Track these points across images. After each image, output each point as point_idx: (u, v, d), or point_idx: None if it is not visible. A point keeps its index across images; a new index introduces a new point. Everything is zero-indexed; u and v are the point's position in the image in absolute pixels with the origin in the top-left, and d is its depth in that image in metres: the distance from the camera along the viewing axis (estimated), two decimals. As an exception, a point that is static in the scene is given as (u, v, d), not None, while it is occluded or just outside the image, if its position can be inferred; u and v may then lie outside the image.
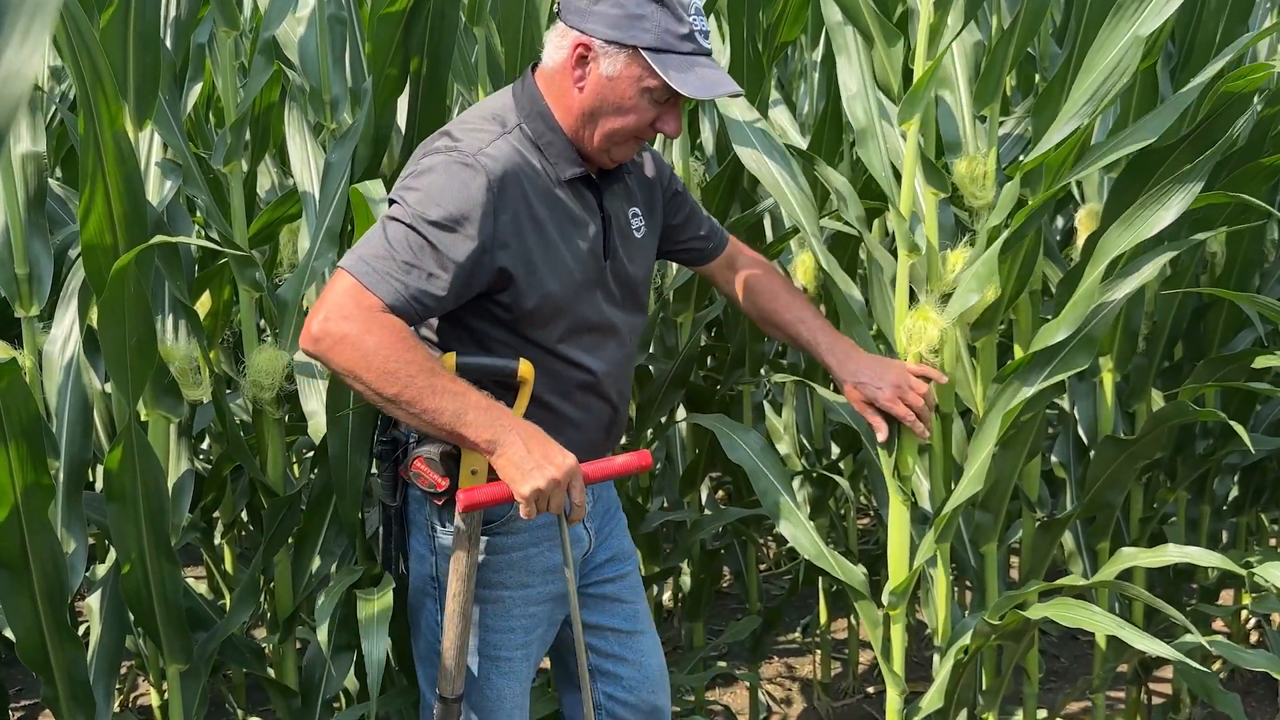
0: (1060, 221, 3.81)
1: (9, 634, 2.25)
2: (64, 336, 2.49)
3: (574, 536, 2.16)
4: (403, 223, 1.87)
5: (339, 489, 2.43)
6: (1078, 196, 3.14)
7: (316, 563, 2.63)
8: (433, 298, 1.88)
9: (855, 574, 2.46)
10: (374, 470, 2.38)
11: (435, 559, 2.13)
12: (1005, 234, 2.23)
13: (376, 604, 2.25)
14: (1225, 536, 3.72)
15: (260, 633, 3.99)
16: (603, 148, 2.01)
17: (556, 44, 2.00)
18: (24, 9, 0.50)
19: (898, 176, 2.39)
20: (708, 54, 1.97)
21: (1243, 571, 2.26)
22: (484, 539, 2.08)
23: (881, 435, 2.28)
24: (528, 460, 1.83)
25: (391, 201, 1.93)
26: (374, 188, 2.21)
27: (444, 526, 2.10)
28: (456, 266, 1.88)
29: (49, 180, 3.10)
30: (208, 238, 3.04)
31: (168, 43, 2.48)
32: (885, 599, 2.42)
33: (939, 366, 2.35)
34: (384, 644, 2.21)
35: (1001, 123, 3.01)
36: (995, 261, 2.24)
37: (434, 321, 2.07)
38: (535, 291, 1.97)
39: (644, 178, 2.24)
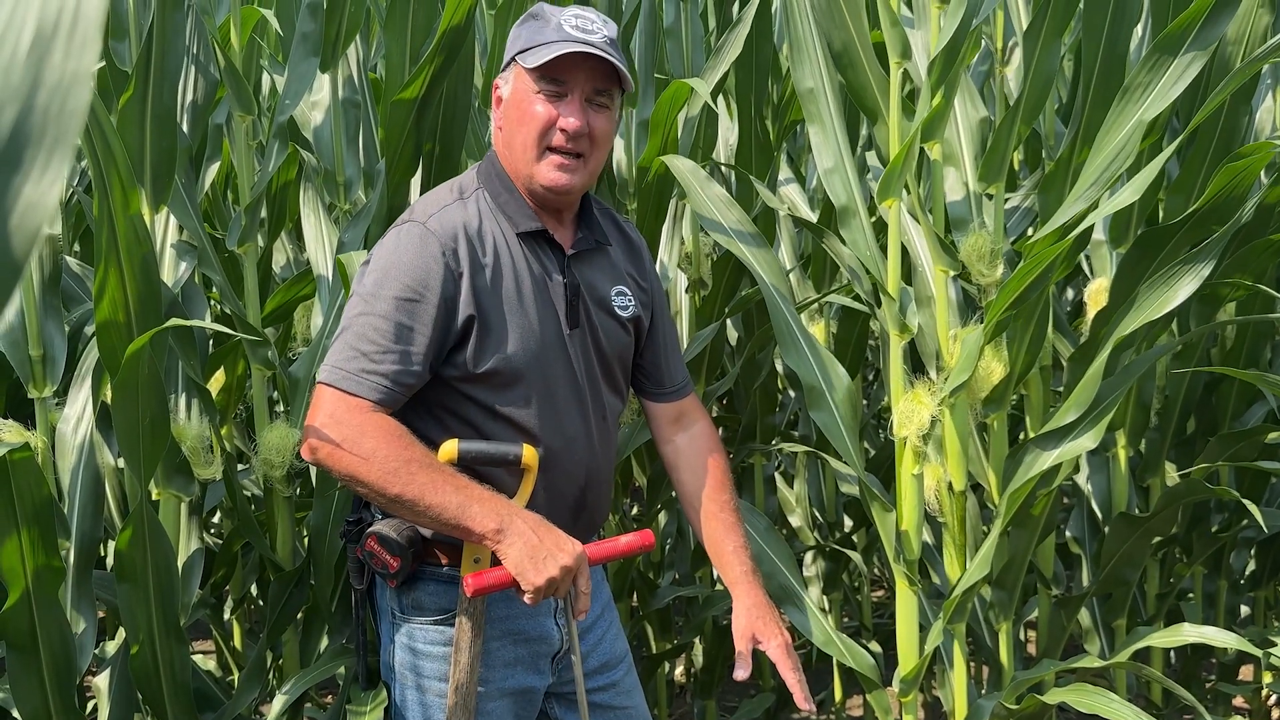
0: (1070, 293, 3.83)
1: (17, 715, 2.24)
2: (77, 416, 2.50)
3: (540, 631, 2.06)
4: (365, 314, 1.89)
5: (316, 564, 2.43)
6: (1087, 271, 3.16)
7: (324, 641, 2.61)
8: (412, 374, 1.89)
9: (865, 659, 2.42)
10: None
11: (393, 647, 2.05)
12: (995, 315, 2.23)
13: (367, 717, 2.14)
14: (1244, 611, 3.68)
15: (268, 710, 3.95)
16: (527, 172, 2.00)
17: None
18: (45, 142, 0.51)
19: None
20: (574, 40, 1.95)
21: (1259, 652, 2.23)
22: (445, 629, 2.00)
23: (742, 673, 2.08)
24: (539, 549, 1.80)
25: (352, 295, 1.95)
26: (359, 257, 2.23)
27: (402, 614, 2.03)
28: (427, 338, 1.89)
29: (65, 258, 3.14)
30: (222, 314, 3.07)
31: (184, 127, 2.53)
32: (896, 685, 2.39)
33: (928, 451, 2.32)
34: None
35: (1009, 198, 3.03)
36: (979, 343, 2.23)
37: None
38: (491, 353, 1.94)
39: (640, 270, 2.19)
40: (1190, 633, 2.32)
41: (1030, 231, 3.02)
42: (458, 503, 1.81)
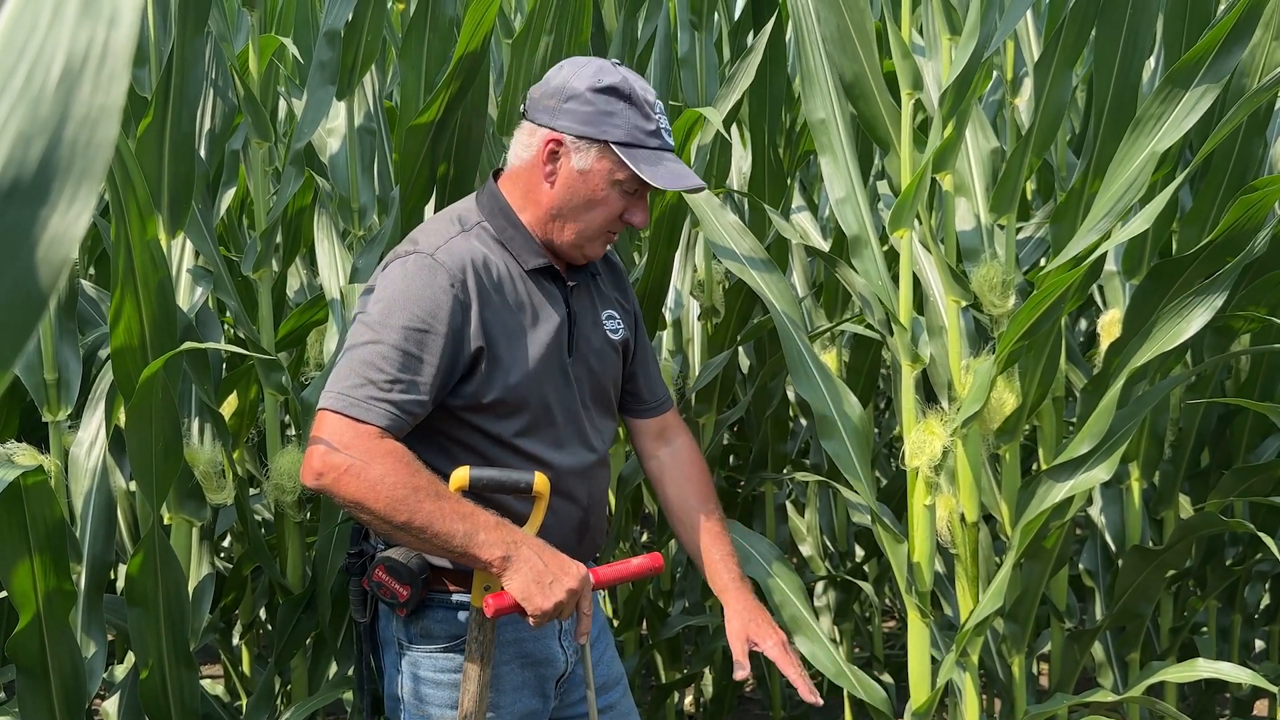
0: (1084, 324, 3.82)
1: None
2: (90, 440, 2.51)
3: (547, 654, 2.07)
4: (373, 343, 1.87)
5: (320, 590, 2.43)
6: (1100, 302, 3.15)
7: (334, 667, 2.61)
8: (419, 404, 1.88)
9: (877, 692, 2.40)
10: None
11: (401, 678, 2.04)
12: (1007, 345, 2.22)
13: None
14: (1259, 645, 3.64)
15: (276, 734, 3.94)
16: (576, 242, 2.02)
17: (524, 143, 2.03)
18: (73, 173, 0.52)
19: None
20: (671, 150, 2.02)
21: (1274, 689, 2.21)
22: (454, 657, 2.01)
23: (742, 674, 2.08)
24: (545, 574, 1.82)
25: (355, 322, 1.93)
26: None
27: (410, 643, 2.03)
28: (434, 368, 1.88)
29: (81, 281, 3.16)
30: (236, 339, 3.09)
31: (202, 153, 2.55)
32: (908, 718, 2.37)
33: (940, 482, 2.32)
34: None
35: (1021, 228, 3.03)
36: (992, 373, 2.23)
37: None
38: (497, 384, 1.94)
39: (623, 292, 2.23)
40: (1205, 668, 2.30)
41: (1043, 262, 3.02)
42: (464, 531, 1.81)
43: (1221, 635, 3.32)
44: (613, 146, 1.95)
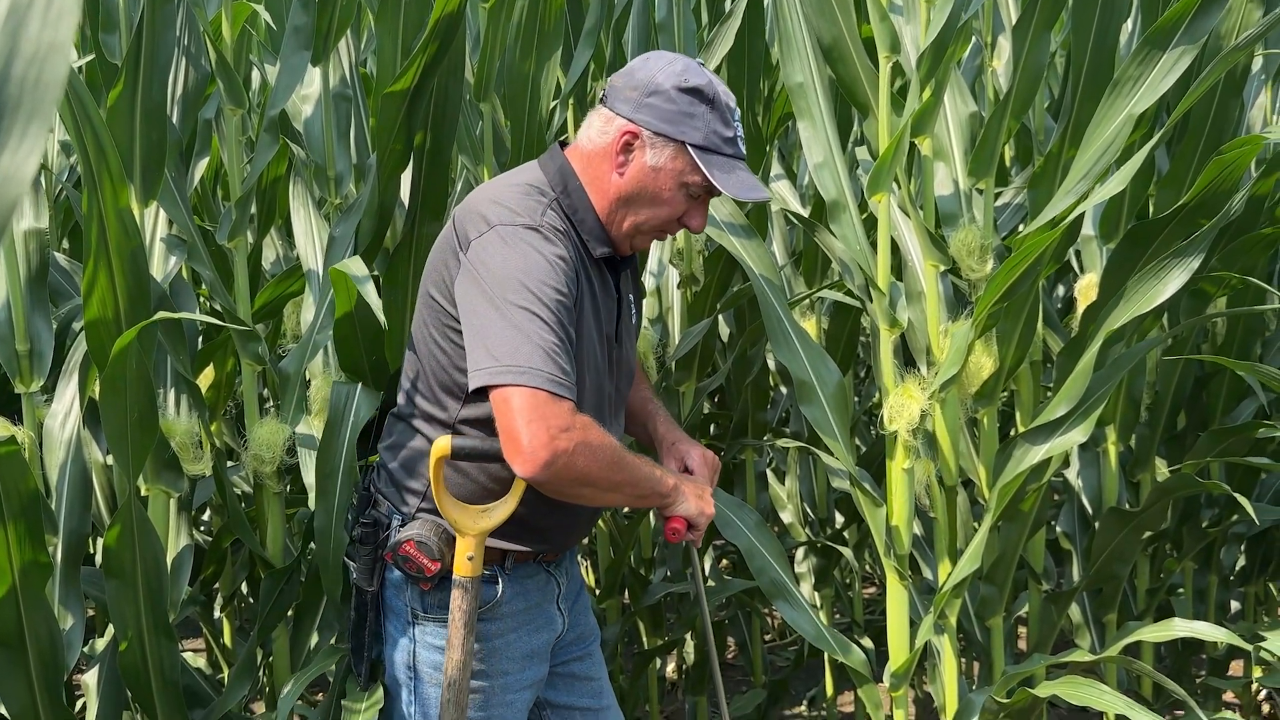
0: (1061, 290, 3.83)
1: (4, 712, 2.23)
2: (65, 411, 2.49)
3: (549, 619, 2.14)
4: (533, 315, 1.82)
5: (323, 563, 2.41)
6: (1076, 267, 3.16)
7: (315, 638, 2.60)
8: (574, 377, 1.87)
9: (857, 655, 2.42)
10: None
11: (414, 647, 2.07)
12: (985, 308, 2.23)
13: (362, 716, 2.12)
14: (1234, 606, 3.68)
15: (259, 708, 3.94)
16: (628, 234, 2.03)
17: (600, 128, 2.01)
18: (21, 111, 0.51)
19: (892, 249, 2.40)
20: (744, 159, 2.02)
21: (1249, 647, 2.24)
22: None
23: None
24: (696, 490, 2.04)
25: (495, 290, 1.86)
26: (354, 265, 2.18)
27: (426, 613, 2.05)
28: (572, 341, 1.89)
29: (55, 254, 3.13)
30: (211, 310, 3.06)
31: (174, 120, 2.51)
32: (887, 680, 2.39)
33: (920, 444, 2.33)
34: None
35: (999, 193, 3.03)
36: (969, 336, 2.23)
37: (444, 400, 2.02)
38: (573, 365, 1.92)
39: (636, 271, 2.26)
40: (1181, 627, 2.32)
41: (1021, 228, 3.02)
42: (649, 473, 1.96)
43: (1198, 596, 3.35)
44: (689, 148, 1.94)
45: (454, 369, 1.97)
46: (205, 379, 2.95)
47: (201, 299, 3.06)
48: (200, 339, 2.97)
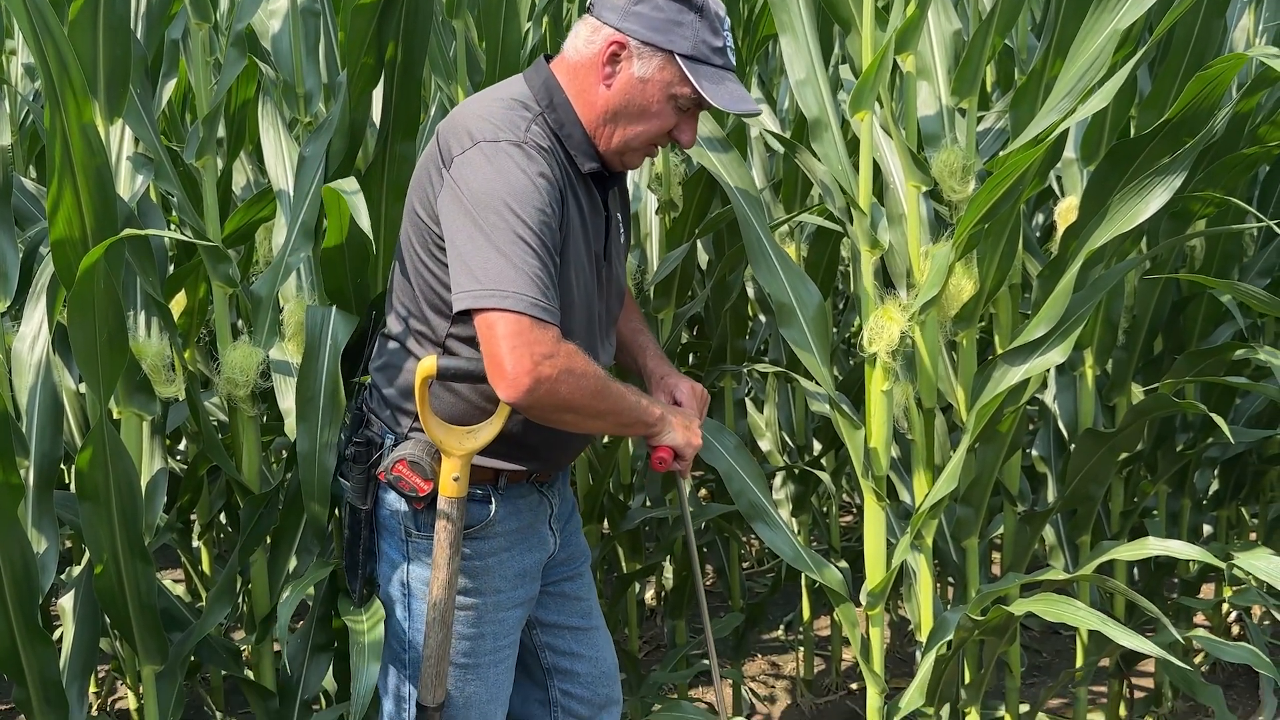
0: (1040, 217, 3.82)
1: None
2: (33, 334, 2.45)
3: (541, 539, 2.17)
4: (517, 238, 1.79)
5: (307, 488, 2.39)
6: (1057, 191, 3.14)
7: (293, 562, 2.60)
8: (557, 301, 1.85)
9: (833, 575, 2.44)
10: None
11: (408, 565, 2.09)
12: (965, 228, 2.21)
13: (368, 634, 2.13)
14: (1206, 530, 3.73)
15: (239, 634, 3.96)
16: (618, 150, 1.99)
17: (586, 38, 1.96)
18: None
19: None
20: (734, 70, 1.98)
21: (1222, 565, 2.26)
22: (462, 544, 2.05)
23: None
24: (683, 419, 2.06)
25: (476, 211, 1.82)
26: (348, 185, 2.15)
27: (419, 531, 2.06)
28: (556, 261, 1.87)
29: (20, 177, 3.06)
30: (181, 233, 3.01)
31: (139, 35, 2.45)
32: (863, 599, 2.41)
33: (899, 366, 2.33)
34: (375, 672, 2.09)
35: (982, 117, 3.00)
36: (950, 258, 2.22)
37: (432, 320, 1.99)
38: (559, 284, 1.90)
39: (623, 187, 2.22)
40: (1155, 546, 2.34)
41: (1002, 153, 2.99)
42: (635, 402, 1.97)
43: (1171, 520, 3.39)
44: (677, 58, 1.90)
45: (441, 286, 1.95)
46: (177, 305, 2.91)
47: (172, 226, 3.00)
48: (172, 265, 2.92)
